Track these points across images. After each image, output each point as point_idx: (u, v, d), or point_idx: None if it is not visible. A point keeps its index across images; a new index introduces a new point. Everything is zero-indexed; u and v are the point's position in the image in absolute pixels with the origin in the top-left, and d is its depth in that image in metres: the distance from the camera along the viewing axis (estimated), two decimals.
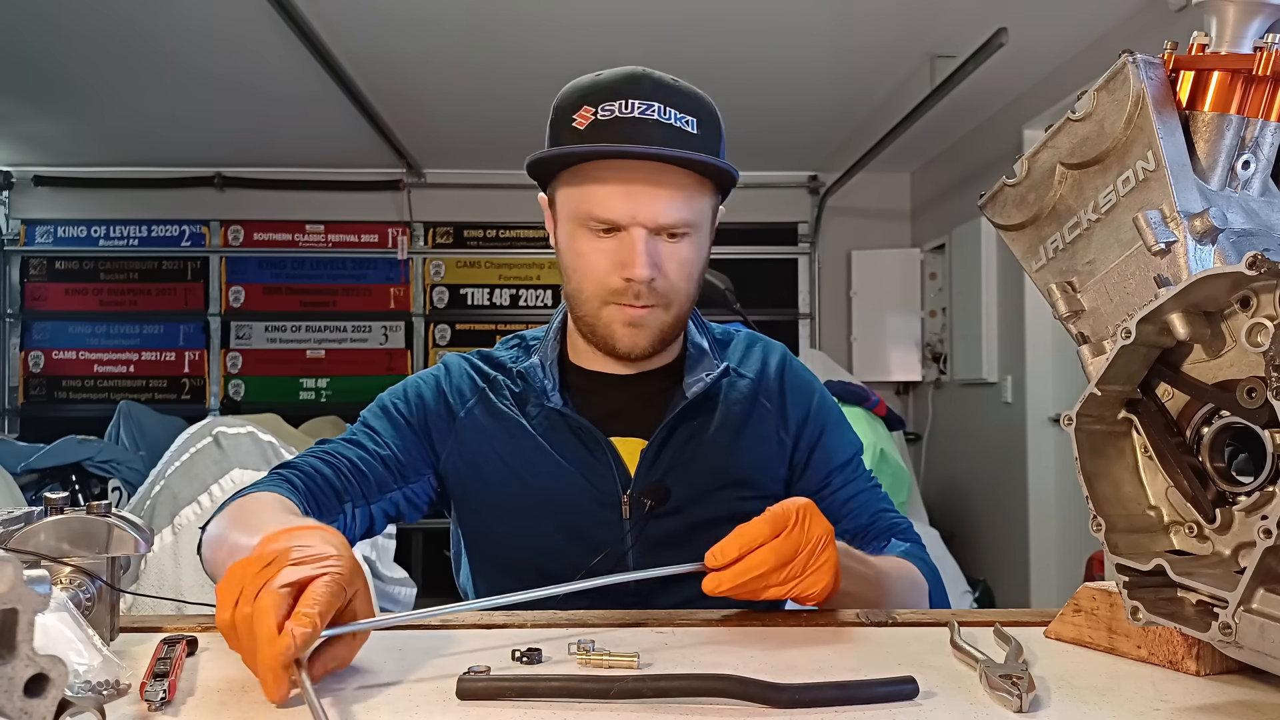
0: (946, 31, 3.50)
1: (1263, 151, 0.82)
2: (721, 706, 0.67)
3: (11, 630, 0.49)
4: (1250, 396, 0.65)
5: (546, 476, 1.17)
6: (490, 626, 0.90)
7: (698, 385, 1.17)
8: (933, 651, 0.81)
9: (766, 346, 1.29)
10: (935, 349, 5.30)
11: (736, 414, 1.20)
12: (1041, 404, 4.18)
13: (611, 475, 1.16)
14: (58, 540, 0.81)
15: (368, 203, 5.53)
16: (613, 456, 1.16)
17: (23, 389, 5.56)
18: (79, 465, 3.84)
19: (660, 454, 1.16)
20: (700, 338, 1.23)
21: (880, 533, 1.20)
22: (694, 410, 1.18)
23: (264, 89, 4.15)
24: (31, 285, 5.58)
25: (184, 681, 0.73)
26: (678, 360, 1.22)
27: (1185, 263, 0.76)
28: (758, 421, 1.21)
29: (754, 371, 1.25)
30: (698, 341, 1.22)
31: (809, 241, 5.68)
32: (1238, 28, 0.79)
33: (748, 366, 1.25)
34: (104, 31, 3.52)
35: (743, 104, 4.36)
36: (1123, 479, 0.74)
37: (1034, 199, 0.87)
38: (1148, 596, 0.68)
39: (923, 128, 4.32)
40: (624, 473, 1.16)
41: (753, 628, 0.91)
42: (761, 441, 1.21)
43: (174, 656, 0.74)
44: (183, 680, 0.73)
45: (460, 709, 0.67)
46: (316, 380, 5.60)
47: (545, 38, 3.56)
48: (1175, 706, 0.67)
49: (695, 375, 1.18)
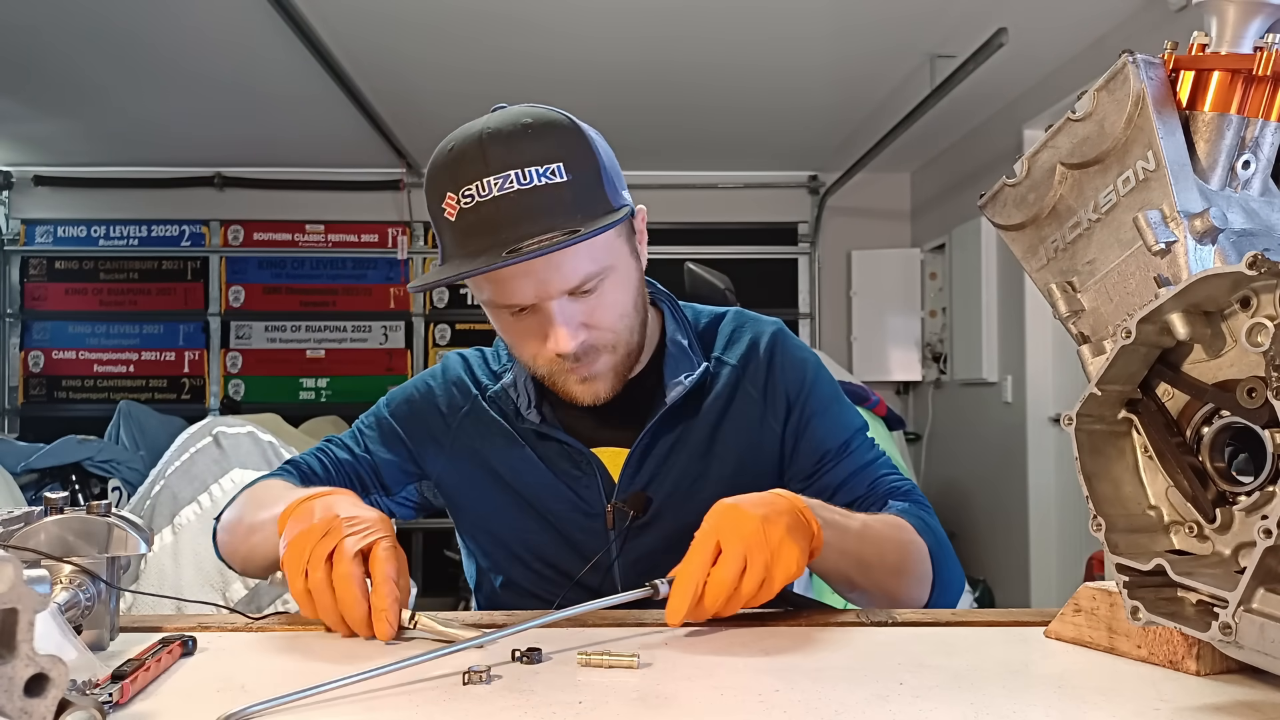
0: (946, 31, 3.50)
1: (1263, 151, 0.82)
2: (720, 706, 0.67)
3: (12, 630, 0.49)
4: (1250, 396, 0.65)
5: (535, 487, 1.17)
6: (491, 627, 0.90)
7: (677, 389, 1.13)
8: (933, 651, 0.81)
9: (756, 326, 1.23)
10: (935, 349, 5.30)
11: (718, 410, 1.17)
12: (1041, 404, 4.18)
13: (596, 486, 1.15)
14: (58, 540, 0.81)
15: (368, 203, 5.53)
16: (597, 467, 1.15)
17: (23, 389, 5.56)
18: (79, 465, 3.84)
19: (643, 462, 1.15)
20: (680, 335, 1.18)
21: (878, 499, 1.15)
22: (675, 413, 1.15)
23: (264, 89, 4.15)
24: (31, 285, 5.58)
25: (169, 681, 0.72)
26: (655, 359, 1.19)
27: (1185, 263, 0.76)
28: (741, 413, 1.17)
29: (738, 357, 1.20)
30: (677, 340, 1.18)
31: (809, 241, 5.68)
32: (1238, 28, 0.79)
33: (733, 352, 1.20)
34: (104, 31, 3.52)
35: (743, 104, 4.37)
36: (1123, 479, 0.74)
37: (1034, 199, 0.87)
38: (1148, 596, 0.68)
39: (923, 128, 4.32)
40: (608, 482, 1.15)
41: (753, 628, 0.91)
42: (746, 433, 1.17)
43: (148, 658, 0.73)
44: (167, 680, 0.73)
45: (460, 708, 0.67)
46: (316, 380, 5.60)
47: (545, 38, 3.56)
48: (1175, 706, 0.67)
49: (675, 377, 1.15)
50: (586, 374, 1.08)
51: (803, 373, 1.20)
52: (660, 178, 5.40)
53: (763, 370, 1.19)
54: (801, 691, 0.70)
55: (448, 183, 1.01)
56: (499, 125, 1.02)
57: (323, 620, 0.87)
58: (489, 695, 0.70)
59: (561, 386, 1.10)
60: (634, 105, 4.34)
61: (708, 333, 1.23)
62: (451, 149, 1.03)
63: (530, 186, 0.98)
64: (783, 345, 1.22)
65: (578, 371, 1.07)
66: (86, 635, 0.82)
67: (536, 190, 0.98)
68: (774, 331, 1.23)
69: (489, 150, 0.99)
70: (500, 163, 0.98)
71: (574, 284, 1.02)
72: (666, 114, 4.47)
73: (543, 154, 0.99)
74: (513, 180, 0.98)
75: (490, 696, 0.70)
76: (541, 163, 0.99)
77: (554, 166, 0.99)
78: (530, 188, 0.98)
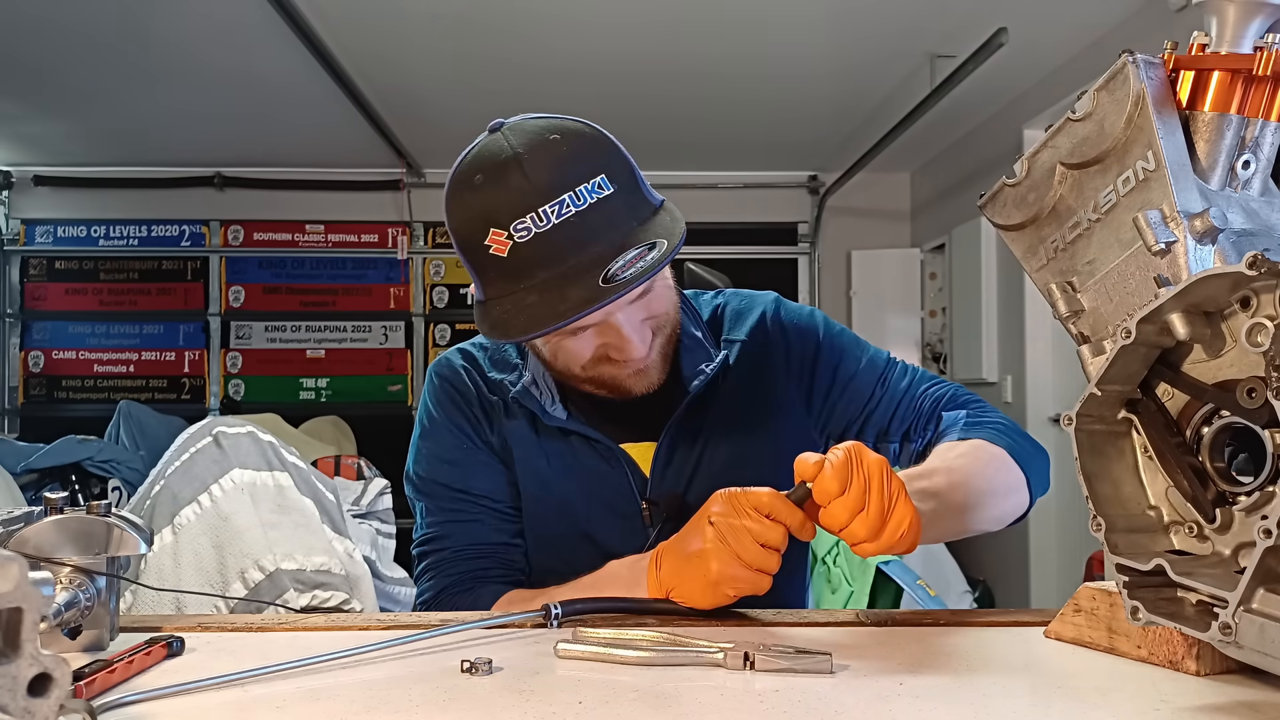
0: (946, 31, 3.50)
1: (1263, 151, 0.82)
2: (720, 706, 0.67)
3: (16, 629, 0.49)
4: (1250, 396, 0.65)
5: (565, 489, 1.15)
6: (491, 627, 0.90)
7: (699, 379, 1.14)
8: (933, 651, 0.82)
9: (752, 301, 1.25)
10: (935, 349, 5.30)
11: (738, 388, 1.17)
12: (1041, 404, 4.18)
13: (628, 483, 1.14)
14: (58, 540, 0.81)
15: (368, 203, 5.53)
16: (626, 463, 1.14)
17: (23, 389, 5.56)
18: (79, 465, 3.83)
19: (673, 455, 1.14)
20: (693, 327, 1.19)
21: (929, 416, 1.15)
22: (698, 402, 1.15)
23: (264, 89, 4.15)
24: (31, 285, 5.58)
25: (167, 680, 0.72)
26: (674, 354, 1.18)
27: (1185, 263, 0.76)
28: (762, 385, 1.18)
29: (747, 331, 1.21)
30: (692, 332, 1.18)
31: (809, 241, 5.68)
32: (1238, 28, 0.79)
33: (740, 329, 1.21)
34: (104, 31, 3.52)
35: (742, 104, 4.37)
36: (1123, 479, 0.74)
37: (1034, 199, 0.87)
38: (1148, 596, 0.68)
39: (923, 128, 4.32)
40: (640, 478, 1.14)
41: (753, 628, 0.91)
42: (771, 404, 1.17)
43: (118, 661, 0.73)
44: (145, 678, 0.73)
45: (460, 708, 0.67)
46: (316, 380, 5.60)
47: (545, 36, 3.56)
48: (1175, 706, 0.67)
49: (694, 368, 1.15)
50: (641, 365, 1.07)
51: (814, 330, 1.22)
52: (660, 178, 5.37)
53: (774, 339, 1.20)
54: (801, 691, 0.70)
55: (491, 220, 0.96)
56: (528, 146, 0.97)
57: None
58: (489, 695, 0.70)
59: (610, 382, 1.08)
60: (634, 106, 4.34)
61: (714, 320, 1.24)
62: (480, 180, 0.97)
63: (586, 206, 0.95)
64: (784, 313, 1.23)
65: (633, 365, 1.06)
66: (86, 635, 0.82)
67: (592, 209, 0.95)
68: (774, 299, 1.25)
69: (533, 177, 0.95)
70: (550, 189, 0.95)
71: (635, 296, 1.02)
72: (666, 115, 4.47)
73: (587, 170, 0.97)
74: (568, 204, 0.94)
75: (490, 696, 0.70)
76: (588, 178, 0.96)
77: (599, 180, 0.97)
78: (586, 207, 0.95)
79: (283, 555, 1.58)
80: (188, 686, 0.70)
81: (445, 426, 1.17)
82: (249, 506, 1.68)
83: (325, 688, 0.72)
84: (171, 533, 2.11)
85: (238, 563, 1.59)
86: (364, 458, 4.02)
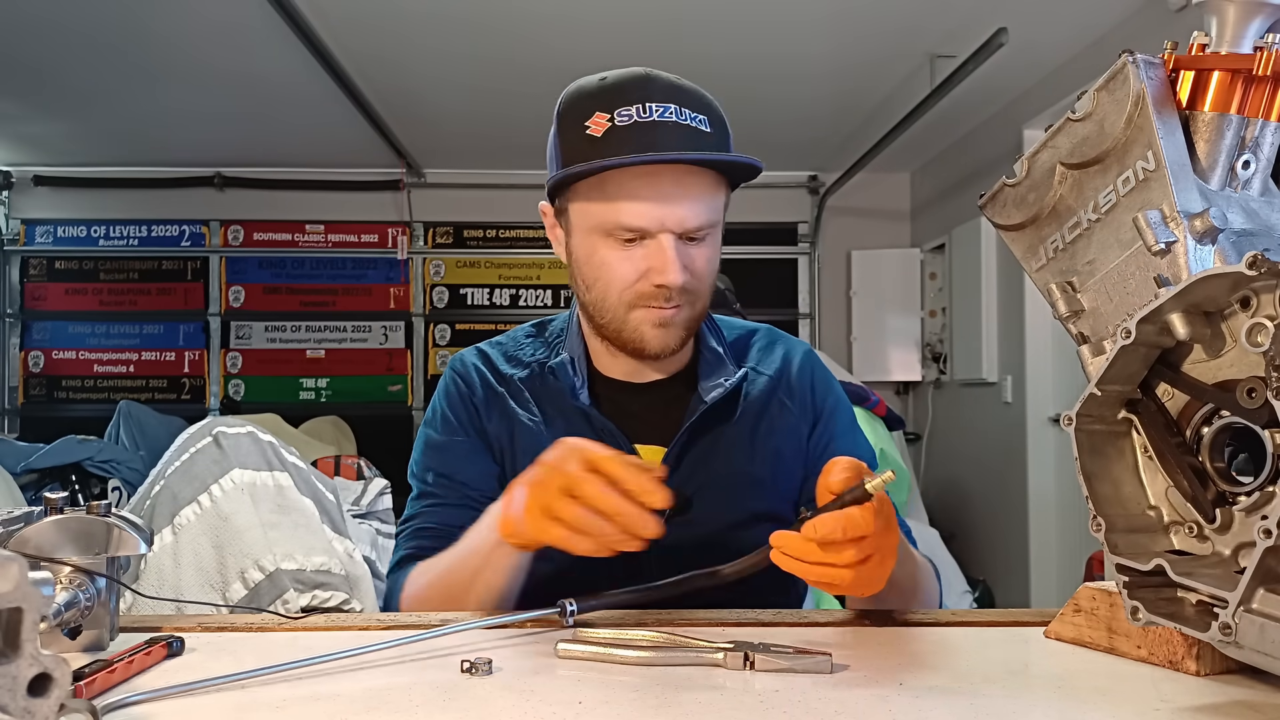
0: (946, 31, 3.50)
1: (1263, 151, 0.82)
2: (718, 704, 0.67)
3: (16, 629, 0.49)
4: (1250, 396, 0.65)
5: None
6: (492, 627, 0.90)
7: (717, 390, 1.15)
8: (933, 651, 0.82)
9: (789, 344, 1.29)
10: (935, 349, 5.30)
11: (755, 414, 1.20)
12: (1041, 404, 4.18)
13: None
14: (58, 540, 0.81)
15: (368, 203, 5.53)
16: None
17: (23, 389, 5.56)
18: (79, 465, 3.83)
19: (682, 460, 1.15)
20: (715, 343, 1.22)
21: None
22: (713, 415, 1.17)
23: (264, 89, 4.15)
24: (31, 285, 5.58)
25: (167, 680, 0.72)
26: (691, 365, 1.21)
27: (1185, 263, 0.76)
28: (777, 420, 1.20)
29: (773, 369, 1.24)
30: (713, 346, 1.21)
31: (809, 241, 5.68)
32: (1238, 28, 0.79)
33: (767, 365, 1.25)
34: (104, 31, 3.52)
35: (743, 103, 4.35)
36: (1123, 479, 0.74)
37: (1034, 199, 0.87)
38: (1148, 596, 0.68)
39: (923, 128, 4.32)
40: None
41: (754, 628, 0.91)
42: (780, 440, 1.20)
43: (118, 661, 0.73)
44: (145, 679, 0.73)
45: (460, 708, 0.67)
46: (316, 380, 5.60)
47: (544, 36, 3.56)
48: (1175, 706, 0.67)
49: (713, 380, 1.17)
50: (666, 318, 1.10)
51: (834, 395, 1.26)
52: None
53: (796, 384, 1.24)
54: (801, 692, 0.70)
55: (601, 103, 1.06)
56: (660, 73, 1.10)
57: (600, 541, 0.87)
58: (489, 695, 0.70)
59: (634, 330, 1.11)
60: None
61: (739, 344, 1.27)
62: (604, 79, 1.09)
63: (686, 123, 1.06)
64: (816, 365, 1.28)
65: (663, 310, 1.09)
66: (86, 635, 0.82)
67: (689, 128, 1.06)
68: (806, 350, 1.30)
69: (655, 82, 1.07)
70: (664, 95, 1.06)
71: (694, 225, 1.07)
72: None
73: (700, 106, 1.09)
74: (671, 113, 1.06)
75: (490, 696, 0.70)
76: (697, 111, 1.08)
77: (704, 118, 1.08)
78: (686, 124, 1.06)
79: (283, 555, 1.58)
80: (188, 687, 0.71)
81: (442, 415, 1.22)
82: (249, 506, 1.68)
83: (325, 688, 0.72)
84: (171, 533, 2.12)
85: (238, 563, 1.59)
86: (364, 458, 4.02)
